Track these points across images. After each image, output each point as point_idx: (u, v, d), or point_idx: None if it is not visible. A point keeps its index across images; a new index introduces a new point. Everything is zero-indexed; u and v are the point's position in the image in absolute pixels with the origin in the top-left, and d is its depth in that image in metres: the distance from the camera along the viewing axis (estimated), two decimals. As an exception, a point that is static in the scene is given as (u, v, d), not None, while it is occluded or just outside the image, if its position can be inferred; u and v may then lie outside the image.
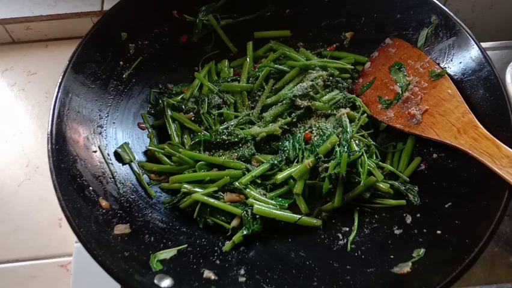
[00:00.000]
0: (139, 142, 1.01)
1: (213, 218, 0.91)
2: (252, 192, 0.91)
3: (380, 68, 1.04)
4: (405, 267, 0.76)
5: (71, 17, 1.28)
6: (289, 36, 1.15)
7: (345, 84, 1.06)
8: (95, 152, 0.89)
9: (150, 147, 1.00)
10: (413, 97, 0.94)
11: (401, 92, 0.97)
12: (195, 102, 1.06)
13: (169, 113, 1.04)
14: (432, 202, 0.87)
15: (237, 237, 0.86)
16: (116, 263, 0.73)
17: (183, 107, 1.05)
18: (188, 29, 1.09)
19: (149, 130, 1.04)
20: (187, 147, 1.00)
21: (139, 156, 0.99)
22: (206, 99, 1.05)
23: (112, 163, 0.91)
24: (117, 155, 0.94)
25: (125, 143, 0.97)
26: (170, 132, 1.03)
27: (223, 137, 0.98)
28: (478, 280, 0.95)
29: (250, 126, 1.03)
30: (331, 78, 1.05)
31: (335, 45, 1.13)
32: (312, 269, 0.82)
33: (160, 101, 1.05)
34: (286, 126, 1.00)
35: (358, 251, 0.84)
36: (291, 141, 0.97)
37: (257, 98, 1.07)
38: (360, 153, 0.89)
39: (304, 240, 0.89)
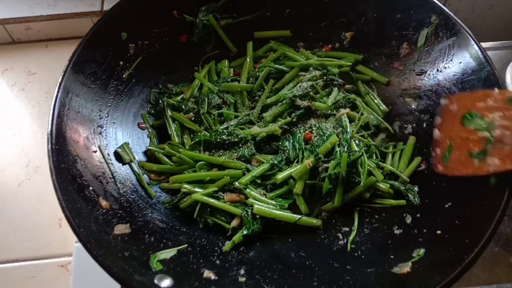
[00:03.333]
0: (139, 142, 1.01)
1: (213, 218, 0.91)
2: (252, 192, 0.91)
3: (450, 128, 0.89)
4: (405, 267, 0.76)
5: (71, 17, 1.28)
6: (289, 36, 1.14)
7: (340, 81, 1.06)
8: (95, 152, 0.89)
9: (150, 147, 1.00)
10: (507, 131, 0.80)
11: (489, 135, 0.82)
12: (195, 102, 1.06)
13: (169, 113, 1.03)
14: (432, 202, 0.87)
15: (237, 237, 0.86)
16: (116, 263, 0.73)
17: (183, 107, 1.04)
18: (189, 29, 1.09)
19: (149, 130, 1.04)
20: (187, 147, 1.00)
21: (139, 156, 0.99)
22: (206, 99, 1.05)
23: (112, 163, 0.91)
24: (117, 155, 0.94)
25: (125, 143, 0.97)
26: (170, 132, 1.02)
27: (223, 137, 0.98)
28: (478, 280, 0.95)
29: (250, 126, 1.03)
30: (325, 77, 1.05)
31: (330, 46, 1.13)
32: (312, 269, 0.82)
33: (160, 101, 1.05)
34: (286, 126, 1.00)
35: (358, 251, 0.84)
36: (291, 141, 0.97)
37: (257, 98, 1.07)
38: (360, 153, 0.89)
39: (304, 240, 0.89)
